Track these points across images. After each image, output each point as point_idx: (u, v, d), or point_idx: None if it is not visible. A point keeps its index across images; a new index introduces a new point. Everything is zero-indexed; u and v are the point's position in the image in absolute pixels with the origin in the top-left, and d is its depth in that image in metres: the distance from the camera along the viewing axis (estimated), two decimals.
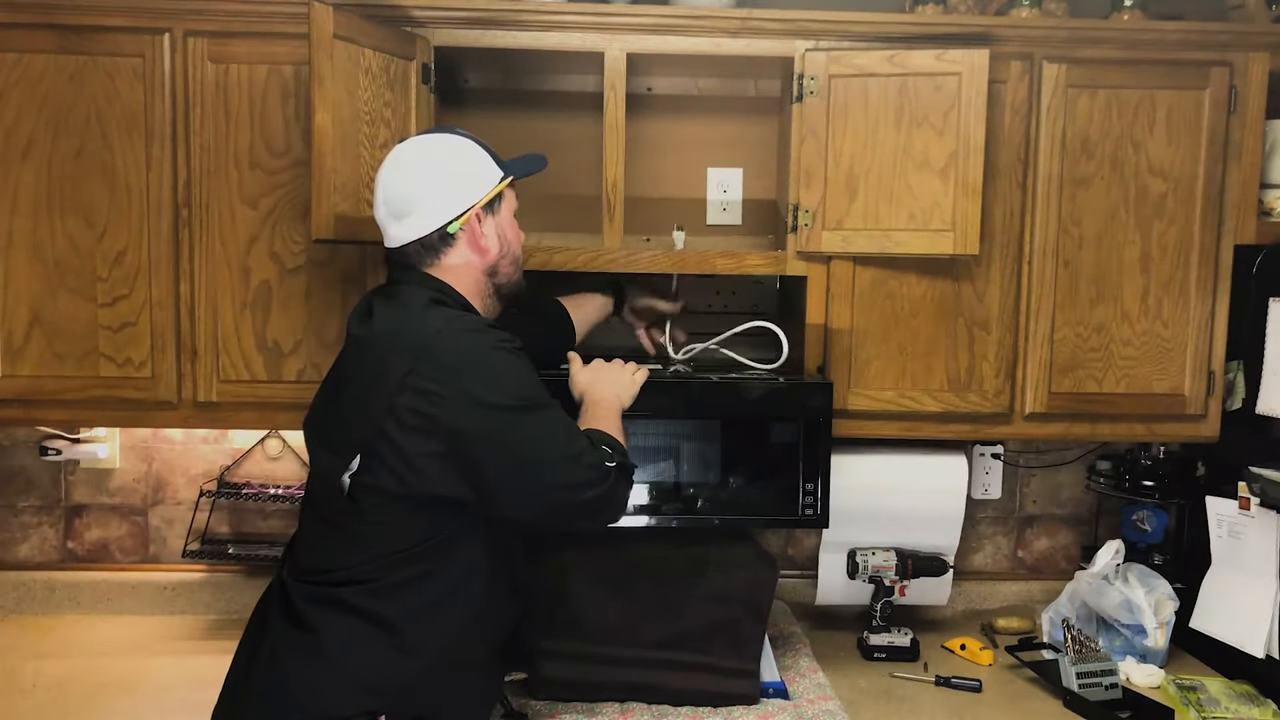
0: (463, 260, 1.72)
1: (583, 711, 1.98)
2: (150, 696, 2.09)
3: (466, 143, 1.75)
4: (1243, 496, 2.16)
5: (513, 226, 1.79)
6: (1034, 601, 2.60)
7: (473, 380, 1.56)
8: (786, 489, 2.12)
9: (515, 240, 1.80)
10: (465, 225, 1.70)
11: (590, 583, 2.06)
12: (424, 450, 1.55)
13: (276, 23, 2.07)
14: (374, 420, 1.56)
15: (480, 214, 1.72)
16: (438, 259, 1.71)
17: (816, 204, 2.17)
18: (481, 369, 1.58)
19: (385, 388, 1.56)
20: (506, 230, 1.77)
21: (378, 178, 1.74)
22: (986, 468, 2.59)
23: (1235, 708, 2.08)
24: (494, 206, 1.75)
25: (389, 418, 1.55)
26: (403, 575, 1.60)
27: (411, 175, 1.70)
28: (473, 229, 1.71)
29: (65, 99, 2.09)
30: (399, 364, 1.56)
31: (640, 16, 2.14)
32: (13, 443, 2.50)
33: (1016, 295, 2.24)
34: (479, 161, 1.74)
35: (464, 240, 1.71)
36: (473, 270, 1.73)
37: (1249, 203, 2.23)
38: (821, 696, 2.07)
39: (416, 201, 1.69)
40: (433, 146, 1.73)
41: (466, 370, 1.57)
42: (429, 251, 1.71)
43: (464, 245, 1.71)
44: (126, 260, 2.12)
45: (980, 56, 2.10)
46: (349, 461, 1.58)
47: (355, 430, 1.59)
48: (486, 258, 1.74)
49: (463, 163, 1.73)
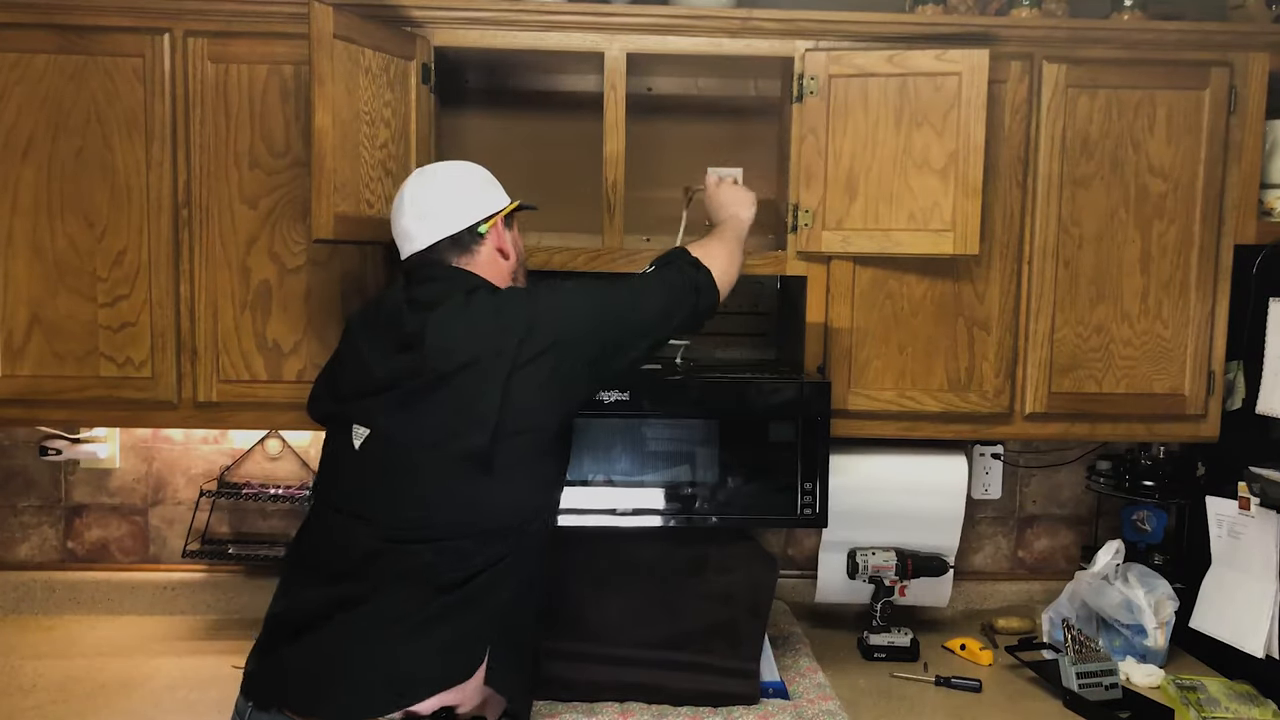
0: (492, 261, 1.81)
1: (583, 711, 1.98)
2: (150, 696, 2.09)
3: (485, 170, 1.88)
4: (1243, 496, 2.16)
5: (520, 243, 1.91)
6: (1034, 601, 2.60)
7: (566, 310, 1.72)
8: (786, 489, 2.12)
9: (524, 255, 1.94)
10: (492, 228, 1.81)
11: (590, 583, 2.06)
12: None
13: (276, 23, 2.08)
14: (493, 402, 1.62)
15: (501, 223, 1.83)
16: (470, 256, 1.79)
17: (816, 204, 2.17)
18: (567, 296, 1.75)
19: (499, 369, 1.63)
20: (519, 244, 1.90)
21: (403, 192, 1.81)
22: (986, 468, 2.59)
23: (1235, 708, 2.08)
24: (510, 221, 1.86)
25: (512, 385, 1.63)
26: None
27: (442, 183, 1.81)
28: (499, 233, 1.82)
29: (65, 99, 2.09)
30: (507, 342, 1.64)
31: (640, 16, 2.14)
32: (13, 443, 2.50)
33: (1016, 295, 2.24)
34: (495, 183, 1.88)
35: (491, 241, 1.81)
36: (501, 273, 1.82)
37: (1249, 203, 2.23)
38: (821, 696, 2.07)
39: (447, 203, 1.79)
40: (458, 166, 1.87)
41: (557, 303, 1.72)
42: (459, 248, 1.78)
43: (491, 245, 1.81)
44: (126, 260, 2.12)
45: (980, 56, 2.10)
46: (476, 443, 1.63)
47: (475, 420, 1.62)
48: (509, 262, 1.84)
49: (485, 179, 1.86)
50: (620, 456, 2.11)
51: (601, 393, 2.06)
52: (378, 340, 1.74)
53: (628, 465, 2.12)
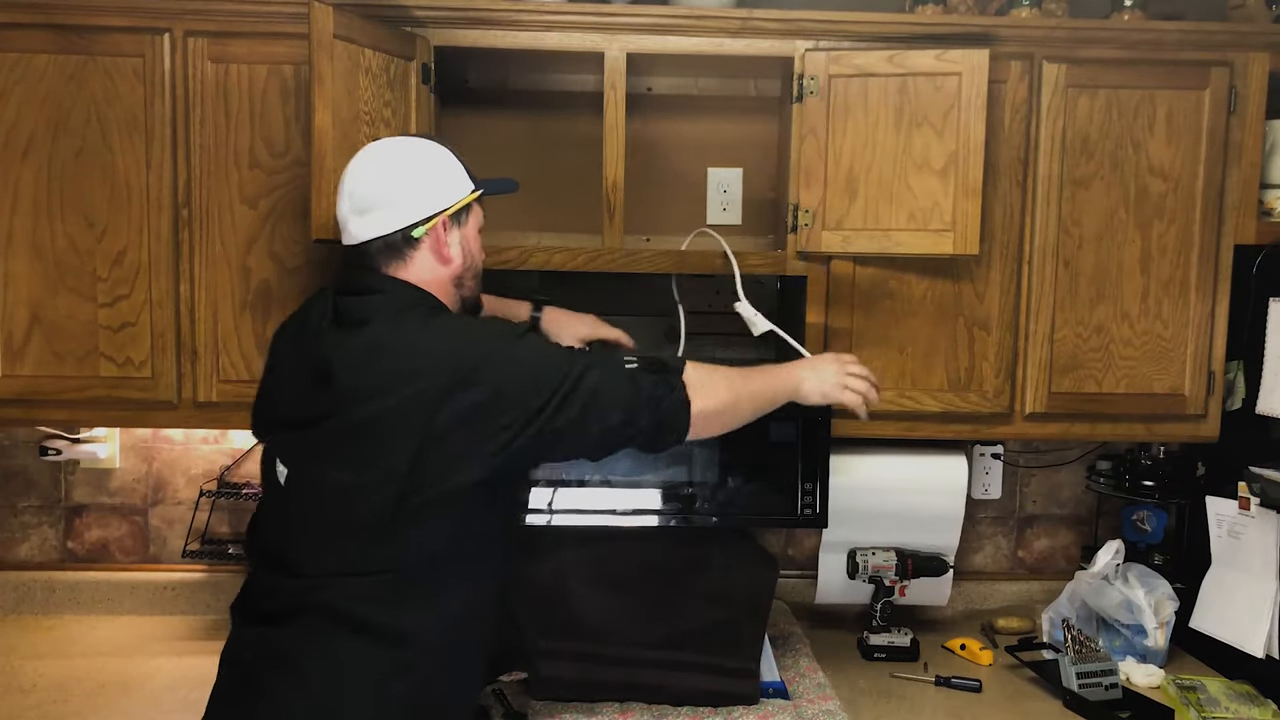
0: (429, 267, 1.65)
1: (583, 711, 1.98)
2: (150, 696, 2.09)
3: (442, 150, 1.71)
4: (1243, 496, 2.16)
5: (477, 241, 1.74)
6: (1034, 601, 2.60)
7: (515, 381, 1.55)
8: (786, 489, 2.12)
9: (478, 255, 1.75)
10: (430, 231, 1.64)
11: (590, 583, 2.06)
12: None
13: (276, 23, 2.07)
14: (417, 430, 1.50)
15: (446, 223, 1.67)
16: (401, 262, 1.64)
17: (816, 204, 2.17)
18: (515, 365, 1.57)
19: (426, 402, 1.50)
20: (471, 244, 1.72)
21: (347, 170, 1.68)
22: (986, 468, 2.59)
23: (1235, 708, 2.09)
24: (461, 218, 1.70)
25: (437, 428, 1.50)
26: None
27: (382, 171, 1.66)
28: (437, 236, 1.65)
29: (65, 99, 2.09)
30: (441, 379, 1.51)
31: (640, 16, 2.14)
32: (13, 443, 2.50)
33: (1016, 295, 2.24)
34: (451, 171, 1.70)
35: (427, 246, 1.65)
36: (441, 280, 1.67)
37: (1249, 203, 2.23)
38: (821, 696, 2.07)
39: (384, 198, 1.63)
40: (408, 147, 1.70)
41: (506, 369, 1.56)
42: (391, 252, 1.64)
43: (427, 251, 1.65)
44: (126, 260, 2.12)
45: (980, 56, 2.10)
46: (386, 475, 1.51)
47: (391, 443, 1.51)
48: (450, 267, 1.68)
49: (435, 169, 1.68)
50: (620, 456, 2.09)
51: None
52: (299, 364, 1.63)
53: (627, 465, 2.12)
